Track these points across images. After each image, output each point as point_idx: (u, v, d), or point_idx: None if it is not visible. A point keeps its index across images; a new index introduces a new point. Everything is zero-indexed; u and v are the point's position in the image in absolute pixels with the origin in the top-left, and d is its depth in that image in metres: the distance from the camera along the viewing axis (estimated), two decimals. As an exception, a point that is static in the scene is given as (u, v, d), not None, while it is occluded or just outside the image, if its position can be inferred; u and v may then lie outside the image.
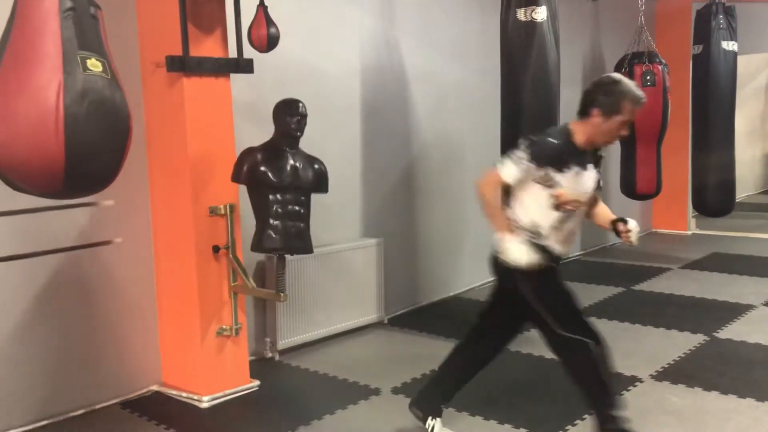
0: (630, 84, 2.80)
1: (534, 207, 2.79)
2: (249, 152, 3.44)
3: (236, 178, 3.45)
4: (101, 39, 2.48)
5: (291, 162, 3.43)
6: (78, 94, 2.32)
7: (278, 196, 3.39)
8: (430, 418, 3.07)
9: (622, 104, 2.74)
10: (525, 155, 2.75)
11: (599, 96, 2.76)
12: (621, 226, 2.88)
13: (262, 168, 3.37)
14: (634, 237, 2.86)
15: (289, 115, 3.43)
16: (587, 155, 2.84)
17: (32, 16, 2.34)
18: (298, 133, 3.46)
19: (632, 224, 2.88)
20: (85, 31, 2.39)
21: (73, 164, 2.34)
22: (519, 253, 2.73)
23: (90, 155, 2.39)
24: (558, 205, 2.73)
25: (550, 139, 2.80)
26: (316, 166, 3.52)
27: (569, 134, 2.81)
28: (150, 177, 3.64)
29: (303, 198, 3.46)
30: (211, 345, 3.61)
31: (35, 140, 2.29)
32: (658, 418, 3.30)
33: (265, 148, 3.46)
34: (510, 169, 2.77)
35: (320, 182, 3.54)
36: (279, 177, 3.38)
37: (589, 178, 2.84)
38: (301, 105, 3.46)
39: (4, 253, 3.18)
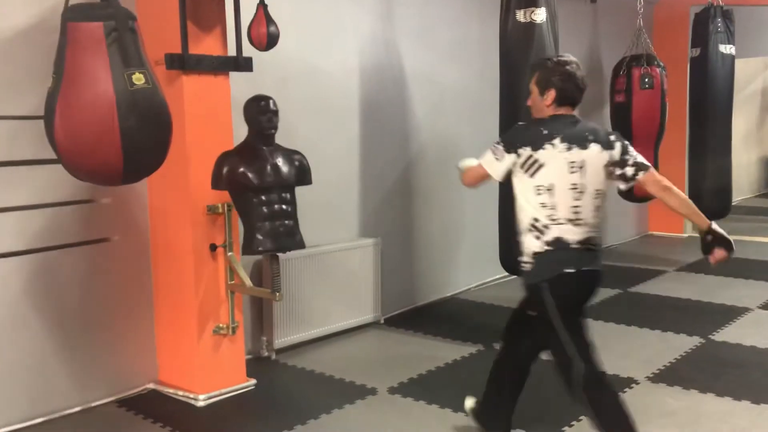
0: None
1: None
2: (225, 156, 3.40)
3: (215, 184, 3.41)
4: (140, 50, 2.78)
5: (270, 160, 3.39)
6: (128, 108, 2.68)
7: (262, 197, 3.37)
8: None
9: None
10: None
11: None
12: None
13: (241, 170, 3.34)
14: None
15: (260, 113, 3.40)
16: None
17: (82, 40, 2.67)
18: (272, 130, 3.43)
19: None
20: (127, 47, 2.71)
21: (130, 166, 2.77)
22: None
23: (143, 155, 2.81)
24: None
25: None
26: (296, 162, 3.48)
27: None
28: (148, 175, 3.64)
29: (287, 195, 3.44)
30: (207, 343, 3.60)
31: (97, 153, 2.70)
32: (654, 420, 3.31)
33: (242, 149, 3.42)
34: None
35: (303, 175, 3.50)
36: (260, 178, 3.35)
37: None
38: (271, 101, 3.42)
39: (2, 250, 3.17)
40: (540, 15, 4.13)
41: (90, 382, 3.50)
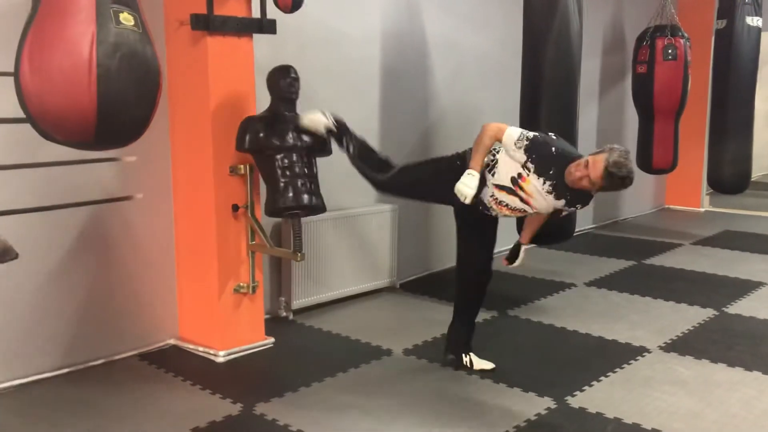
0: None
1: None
2: (249, 120, 3.49)
3: (240, 145, 3.48)
4: None
5: (292, 124, 3.48)
6: (110, 47, 2.37)
7: (284, 158, 3.44)
8: (463, 355, 3.54)
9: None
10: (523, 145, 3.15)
11: None
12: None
13: (263, 135, 3.42)
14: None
15: (282, 79, 3.48)
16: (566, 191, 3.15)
17: None
18: (294, 96, 3.51)
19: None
20: None
21: (105, 116, 2.39)
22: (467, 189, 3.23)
23: (121, 108, 2.44)
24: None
25: (553, 149, 3.16)
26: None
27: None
28: (171, 134, 3.69)
29: (308, 159, 3.51)
30: (228, 301, 3.68)
31: (68, 92, 2.34)
32: (664, 387, 3.36)
33: (264, 115, 3.51)
34: (512, 135, 3.20)
35: (322, 144, 3.56)
36: (282, 139, 3.43)
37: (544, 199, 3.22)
38: (292, 69, 3.51)
39: (28, 205, 3.24)
40: (565, -18, 4.09)
41: (113, 336, 3.59)
